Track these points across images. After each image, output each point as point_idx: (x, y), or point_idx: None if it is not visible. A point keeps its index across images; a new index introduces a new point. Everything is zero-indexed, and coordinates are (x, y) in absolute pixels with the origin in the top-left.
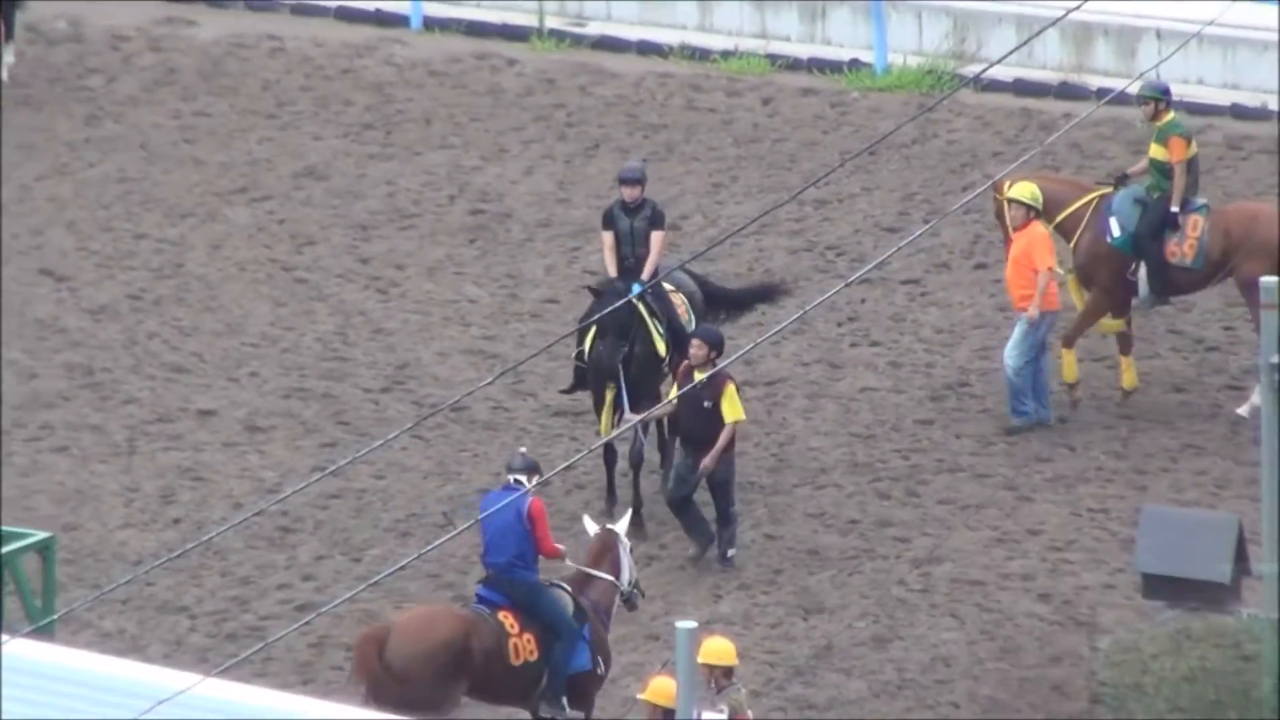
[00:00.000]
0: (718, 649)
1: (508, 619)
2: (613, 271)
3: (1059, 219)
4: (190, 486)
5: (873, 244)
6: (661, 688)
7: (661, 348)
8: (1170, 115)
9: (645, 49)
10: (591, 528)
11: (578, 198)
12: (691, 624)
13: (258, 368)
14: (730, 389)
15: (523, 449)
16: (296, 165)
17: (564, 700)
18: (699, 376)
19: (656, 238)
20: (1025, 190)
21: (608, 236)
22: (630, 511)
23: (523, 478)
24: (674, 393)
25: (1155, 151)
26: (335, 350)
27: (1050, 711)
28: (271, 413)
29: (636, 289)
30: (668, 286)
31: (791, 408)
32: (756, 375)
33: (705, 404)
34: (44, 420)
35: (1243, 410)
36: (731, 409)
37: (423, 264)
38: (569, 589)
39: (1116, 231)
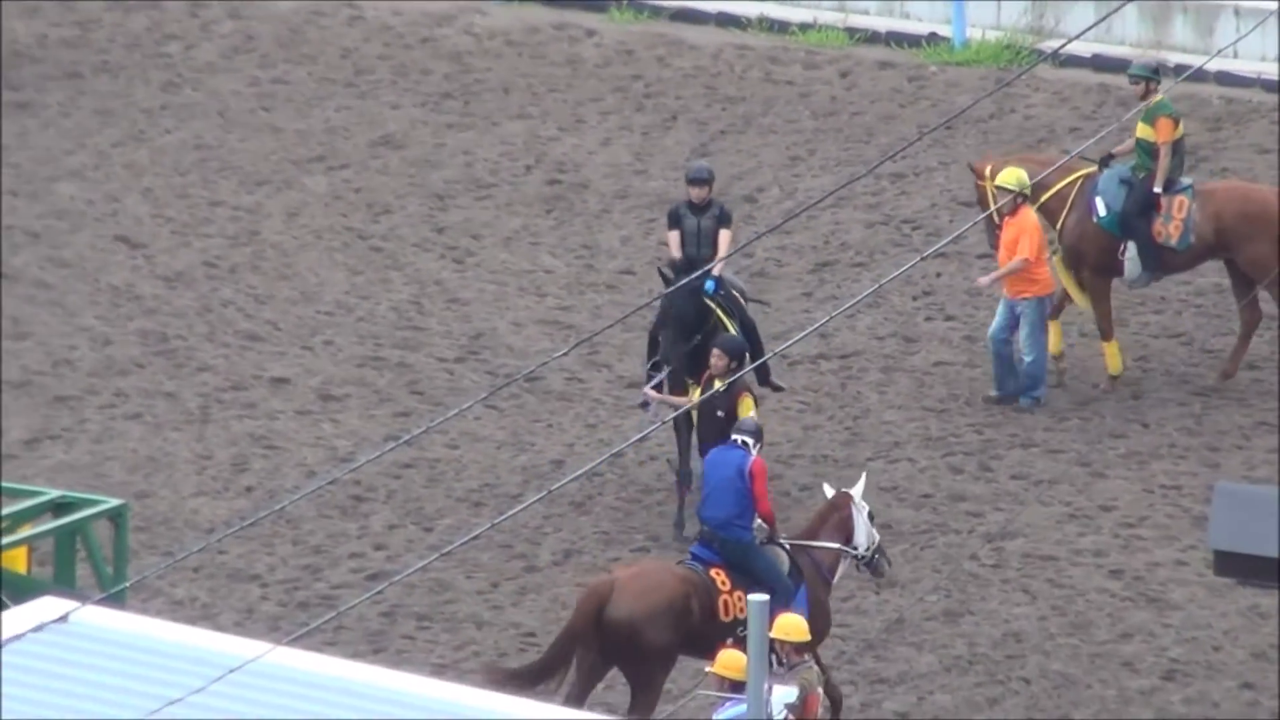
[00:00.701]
0: (790, 625)
1: (719, 576)
2: None
3: (1043, 199)
4: (263, 454)
5: (949, 218)
6: (730, 660)
7: None
8: (1159, 96)
9: (724, 21)
10: (829, 493)
11: (655, 169)
12: (763, 596)
13: (332, 336)
14: (746, 401)
15: (752, 414)
16: (374, 134)
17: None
18: (718, 385)
19: (724, 237)
20: (1013, 177)
21: (673, 236)
22: (864, 475)
23: (749, 438)
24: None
25: (1142, 131)
26: (410, 319)
27: (1121, 688)
28: (345, 381)
29: (710, 286)
30: None
31: (865, 381)
32: (831, 348)
33: (719, 413)
34: (118, 387)
35: None
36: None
37: (499, 234)
38: (788, 548)
39: (1102, 211)
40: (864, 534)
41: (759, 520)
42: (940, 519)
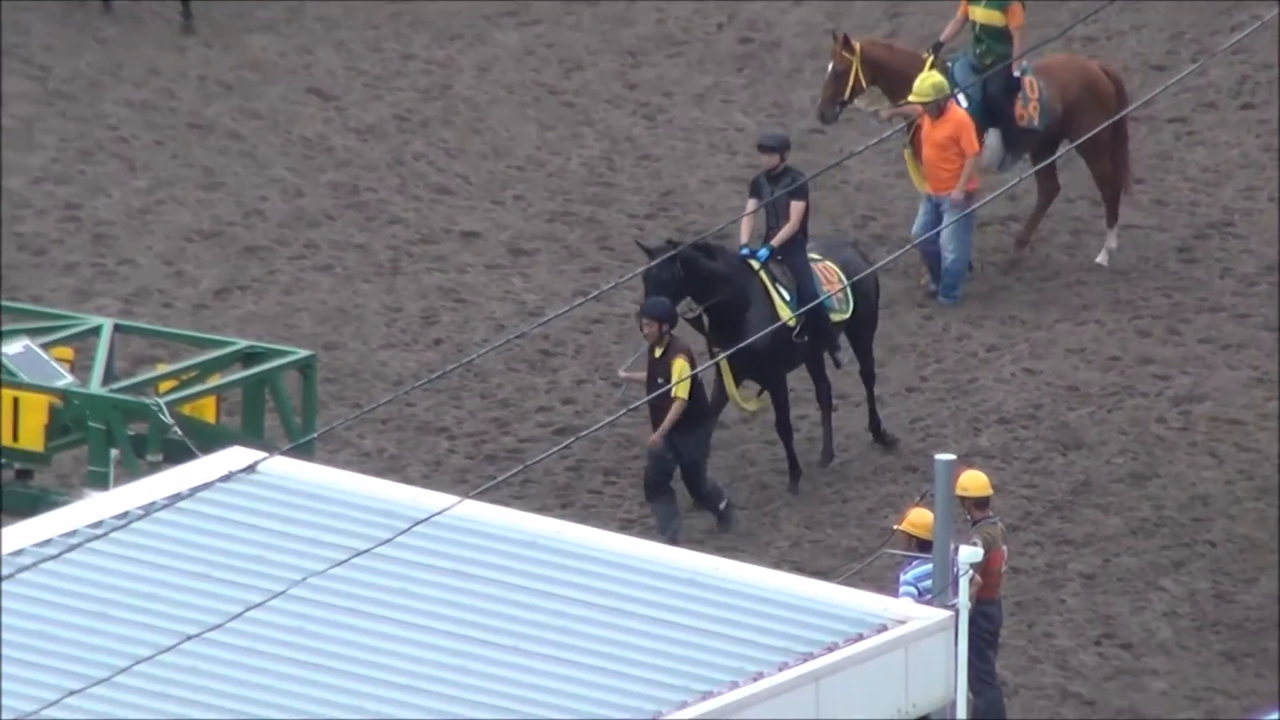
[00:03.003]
0: (970, 480)
1: None
2: (744, 238)
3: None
4: (452, 308)
5: (1140, 82)
6: (918, 519)
7: (787, 315)
8: None
9: None
10: None
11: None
12: (950, 456)
13: (523, 191)
14: (678, 363)
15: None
16: None
17: None
18: (657, 354)
19: (796, 208)
20: (929, 84)
21: (751, 204)
22: None
23: None
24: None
25: (989, 17)
26: (601, 175)
27: None
28: (535, 236)
29: (763, 254)
30: (814, 256)
31: (1055, 244)
32: (1020, 210)
33: (659, 380)
34: (308, 238)
35: (1101, 259)
36: (678, 386)
37: (690, 91)
38: None
39: (964, 103)
40: None
41: None
42: (1128, 381)
